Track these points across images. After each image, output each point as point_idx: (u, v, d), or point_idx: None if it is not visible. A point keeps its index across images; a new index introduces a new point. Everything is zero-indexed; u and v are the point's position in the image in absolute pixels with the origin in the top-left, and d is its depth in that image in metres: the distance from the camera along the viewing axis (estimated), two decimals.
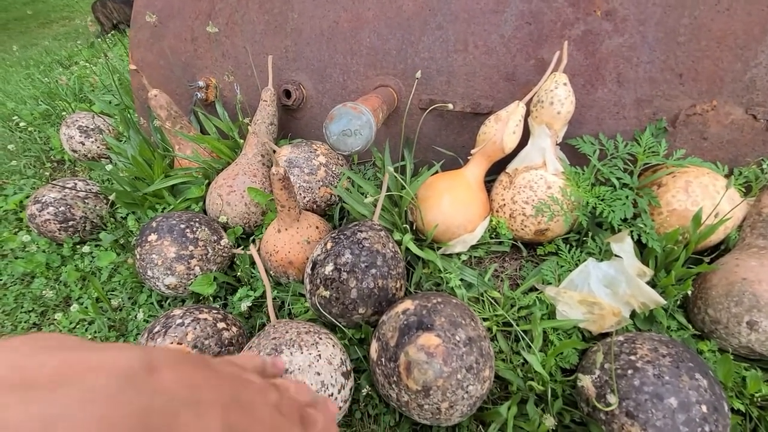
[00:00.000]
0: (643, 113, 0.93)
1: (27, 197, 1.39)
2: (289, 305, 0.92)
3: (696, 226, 0.78)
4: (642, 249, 0.86)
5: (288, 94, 1.13)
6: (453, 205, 0.92)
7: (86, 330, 0.97)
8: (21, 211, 1.36)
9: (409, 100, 1.02)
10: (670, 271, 0.78)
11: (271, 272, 0.96)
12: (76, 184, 1.20)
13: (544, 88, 0.89)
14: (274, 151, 1.06)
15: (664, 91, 0.91)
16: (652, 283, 0.81)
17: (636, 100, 0.92)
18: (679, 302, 0.82)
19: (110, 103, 1.68)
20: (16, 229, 1.31)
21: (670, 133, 0.93)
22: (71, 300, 1.06)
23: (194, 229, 0.94)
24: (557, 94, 0.87)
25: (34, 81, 2.25)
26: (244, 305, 0.89)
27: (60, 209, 1.14)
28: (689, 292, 0.78)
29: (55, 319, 0.99)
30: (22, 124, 1.76)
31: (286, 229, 0.90)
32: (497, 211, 0.96)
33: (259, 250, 0.97)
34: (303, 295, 0.93)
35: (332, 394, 0.67)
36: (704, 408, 0.59)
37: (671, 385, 0.60)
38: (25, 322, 1.03)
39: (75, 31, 3.70)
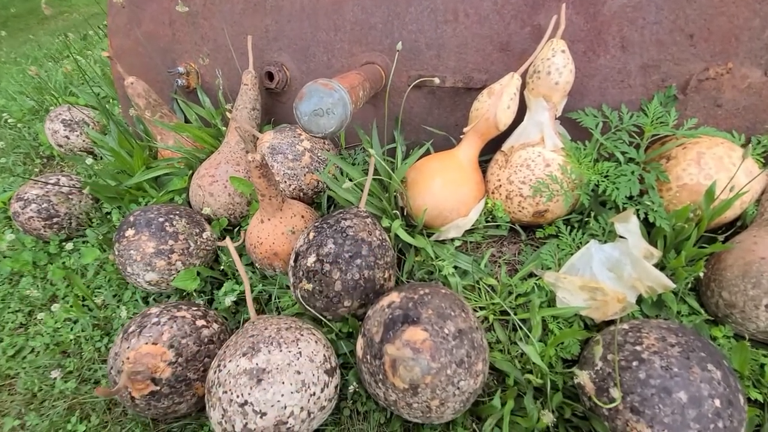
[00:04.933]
0: (651, 80, 0.85)
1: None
2: (276, 298, 0.88)
3: (709, 201, 0.72)
4: (649, 228, 0.79)
5: (270, 76, 1.07)
6: (445, 187, 0.86)
7: (71, 329, 0.95)
8: (9, 210, 1.33)
9: (390, 75, 0.96)
10: (681, 252, 0.72)
11: (256, 264, 0.91)
12: (59, 179, 1.17)
13: (541, 56, 0.82)
14: (256, 137, 1.01)
15: (674, 55, 0.83)
16: (661, 265, 0.75)
17: (642, 65, 0.85)
18: (690, 285, 0.76)
19: (98, 95, 1.63)
20: (5, 228, 1.29)
21: (681, 101, 0.85)
22: (57, 298, 1.03)
23: (173, 222, 0.89)
24: (555, 63, 0.80)
25: (25, 77, 2.21)
26: (229, 300, 0.86)
27: (43, 206, 1.10)
28: (701, 274, 0.72)
29: (40, 320, 0.97)
30: (11, 120, 1.73)
31: (269, 219, 0.86)
32: (493, 193, 0.90)
33: (243, 242, 0.93)
34: (290, 287, 0.89)
35: (315, 393, 0.63)
36: (717, 402, 0.53)
37: (681, 378, 0.55)
38: (12, 322, 1.01)
39: (73, 26, 3.64)
